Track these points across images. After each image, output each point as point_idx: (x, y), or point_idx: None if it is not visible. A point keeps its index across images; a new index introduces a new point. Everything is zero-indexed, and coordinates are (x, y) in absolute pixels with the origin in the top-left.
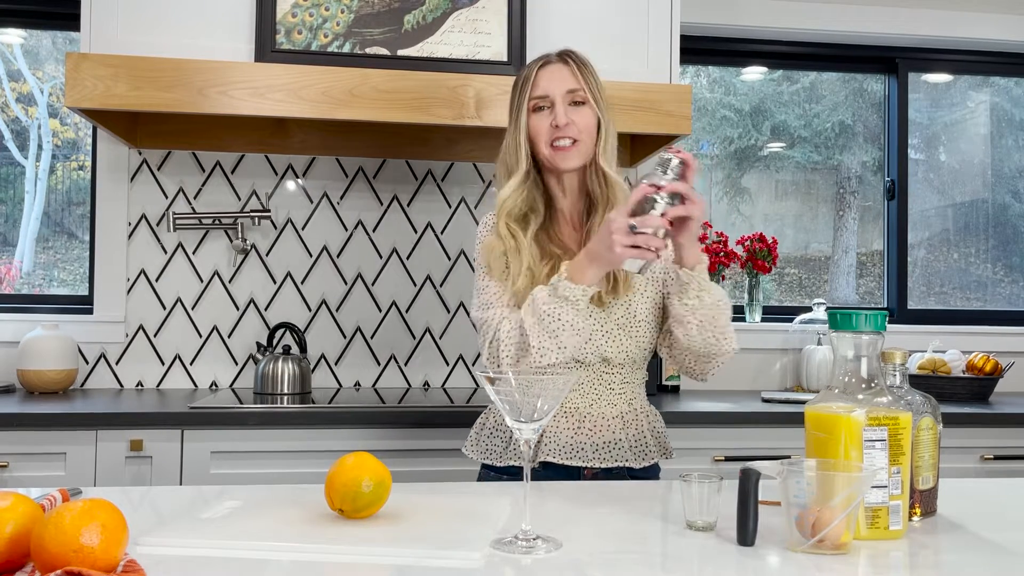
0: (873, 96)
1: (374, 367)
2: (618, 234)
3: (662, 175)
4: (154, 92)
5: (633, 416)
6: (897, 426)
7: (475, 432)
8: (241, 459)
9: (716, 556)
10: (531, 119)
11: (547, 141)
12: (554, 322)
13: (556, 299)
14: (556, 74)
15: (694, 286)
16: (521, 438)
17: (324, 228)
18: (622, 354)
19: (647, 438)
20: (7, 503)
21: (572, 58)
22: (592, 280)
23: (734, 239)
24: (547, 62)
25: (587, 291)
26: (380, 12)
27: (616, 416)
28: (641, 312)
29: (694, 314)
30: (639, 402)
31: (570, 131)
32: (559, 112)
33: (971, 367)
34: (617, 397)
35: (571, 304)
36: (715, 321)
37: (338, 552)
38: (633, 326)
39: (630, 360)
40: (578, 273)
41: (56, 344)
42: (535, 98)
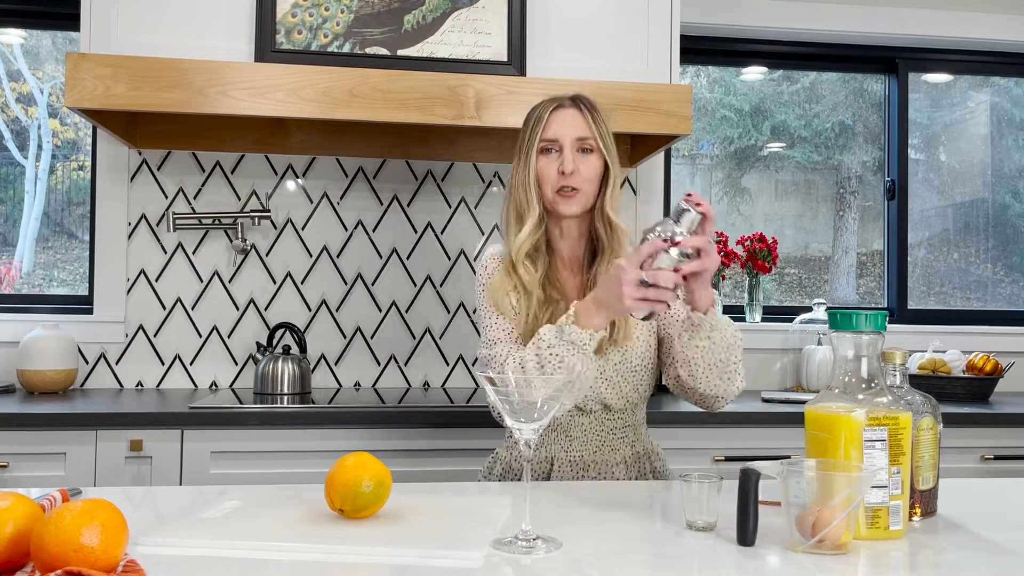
0: (873, 96)
1: (374, 367)
2: (628, 287)
3: (675, 224)
4: (154, 92)
5: (635, 460)
6: (897, 426)
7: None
8: (241, 459)
9: (716, 556)
10: (539, 160)
11: (552, 186)
12: (558, 365)
13: (562, 342)
14: (568, 119)
15: (705, 327)
16: (521, 438)
17: (324, 228)
18: (622, 400)
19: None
20: (7, 503)
21: (584, 104)
22: (599, 326)
23: (734, 239)
24: (560, 106)
25: (594, 336)
26: (380, 12)
27: (619, 461)
28: (636, 357)
29: (704, 357)
30: (641, 444)
31: (574, 180)
32: (567, 158)
33: (971, 367)
34: (619, 442)
35: (578, 348)
36: (724, 363)
37: (338, 552)
38: (630, 371)
39: (630, 405)
40: (585, 318)
41: (56, 344)
42: (545, 140)
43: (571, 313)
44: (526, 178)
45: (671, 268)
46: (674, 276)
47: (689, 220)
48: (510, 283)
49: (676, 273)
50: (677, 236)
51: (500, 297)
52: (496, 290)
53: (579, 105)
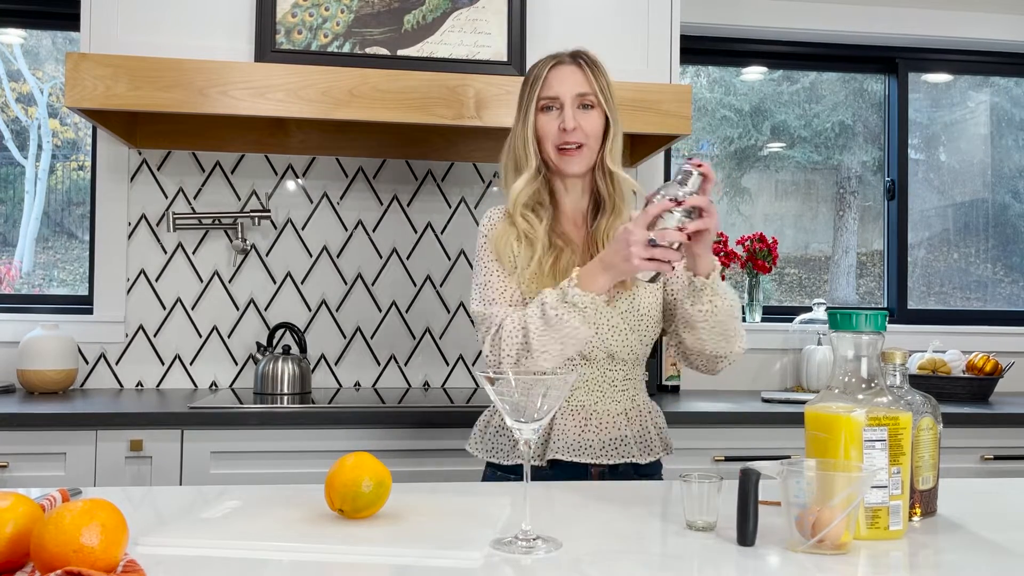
0: (873, 96)
1: (374, 367)
2: (636, 247)
3: (680, 187)
4: (154, 92)
5: (637, 412)
6: (897, 426)
7: (479, 430)
8: (241, 459)
9: (716, 556)
10: (539, 118)
11: (554, 143)
12: (560, 328)
13: (565, 304)
14: (567, 76)
15: (708, 292)
16: (521, 438)
17: (324, 228)
18: (626, 349)
19: (651, 433)
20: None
21: (584, 60)
22: (602, 289)
23: (734, 239)
24: (559, 62)
25: (596, 300)
26: (380, 12)
27: (621, 412)
28: (644, 307)
29: (706, 320)
30: (641, 398)
31: (576, 136)
32: (567, 115)
33: (971, 367)
34: (620, 393)
35: (579, 311)
36: (726, 325)
37: (338, 552)
38: (637, 321)
39: (633, 356)
40: (589, 281)
41: (56, 344)
42: (544, 98)
43: (574, 276)
44: (525, 133)
45: (677, 228)
46: (680, 235)
47: (693, 182)
48: (513, 233)
49: (681, 232)
50: (681, 197)
51: (502, 247)
52: (499, 239)
53: (579, 61)
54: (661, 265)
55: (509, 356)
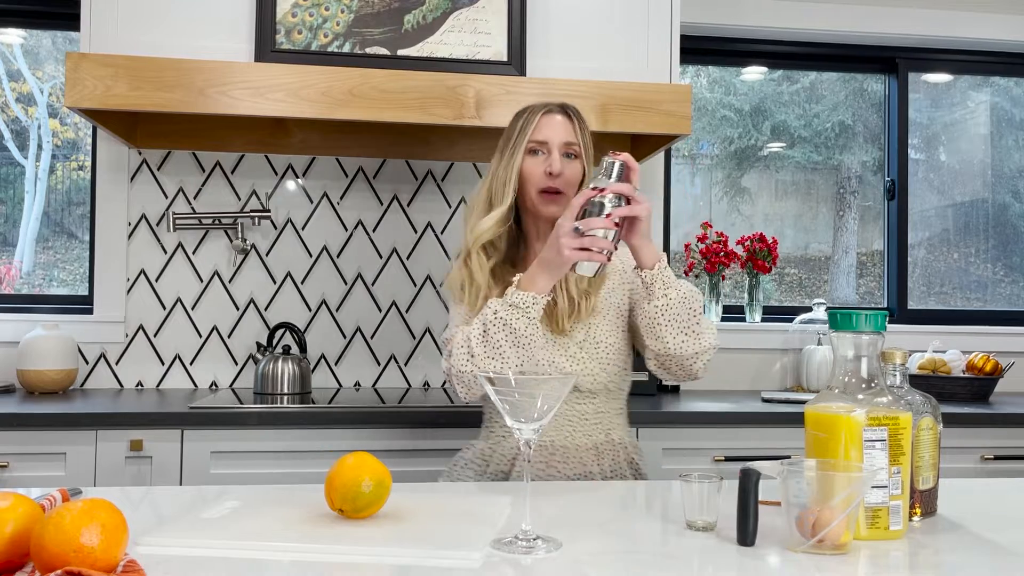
0: (873, 96)
1: (374, 367)
2: (565, 237)
3: (604, 179)
4: (154, 92)
5: (610, 447)
6: (897, 426)
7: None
8: (241, 459)
9: (716, 556)
10: (526, 160)
11: (537, 186)
12: (500, 331)
13: (508, 307)
14: (557, 124)
15: (658, 284)
16: (521, 438)
17: (324, 228)
18: (588, 378)
19: (623, 469)
20: (7, 503)
21: (573, 113)
22: (543, 288)
23: (734, 239)
24: (550, 111)
25: (537, 299)
26: (380, 12)
27: (590, 447)
28: (602, 334)
29: (663, 314)
30: (617, 432)
31: (559, 182)
32: (555, 160)
33: (971, 367)
34: (592, 427)
35: (522, 311)
36: (685, 319)
37: (338, 552)
38: (596, 348)
39: (600, 387)
40: (529, 282)
41: (56, 344)
42: (534, 141)
43: (515, 280)
44: (508, 173)
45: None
46: (605, 221)
47: (615, 171)
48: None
49: (607, 219)
50: (602, 185)
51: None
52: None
53: (568, 113)
54: (592, 255)
55: (459, 369)
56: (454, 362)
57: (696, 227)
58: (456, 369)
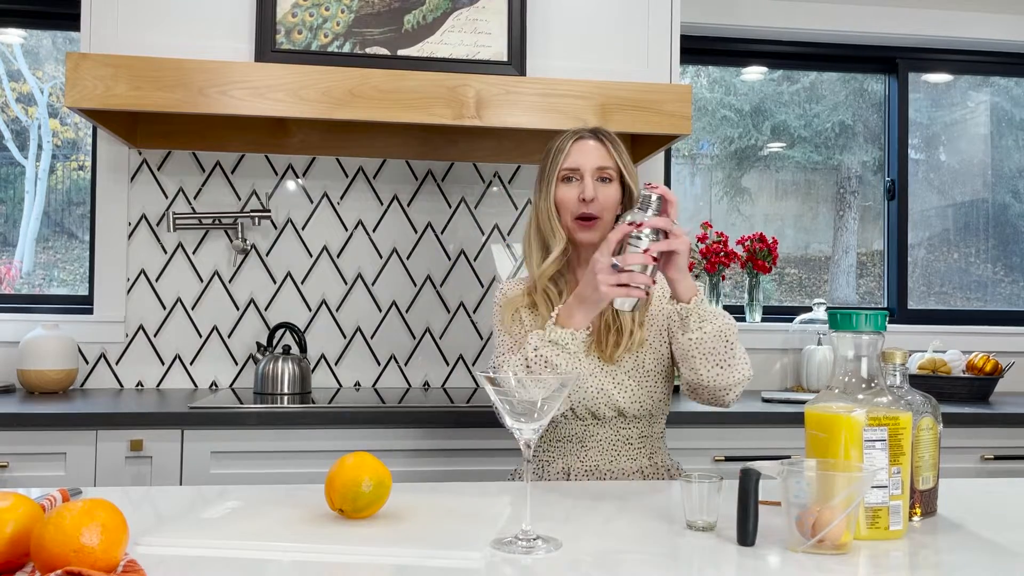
0: (873, 96)
1: (374, 367)
2: (602, 273)
3: (641, 212)
4: (154, 92)
5: (653, 471)
6: (897, 426)
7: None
8: (241, 459)
9: (716, 556)
10: (559, 188)
11: (572, 213)
12: (543, 366)
13: (548, 344)
14: (589, 150)
15: (694, 318)
16: (521, 438)
17: (324, 228)
18: (635, 405)
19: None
20: (7, 503)
21: (604, 136)
22: (580, 324)
23: (734, 239)
24: (580, 137)
25: (576, 335)
26: (380, 12)
27: (636, 471)
28: (649, 363)
29: (697, 348)
30: (659, 456)
31: (593, 207)
32: (587, 185)
33: (971, 367)
34: (636, 452)
35: (561, 347)
36: (721, 353)
37: (338, 552)
38: (642, 376)
39: (645, 412)
40: (566, 317)
41: (56, 344)
42: (566, 169)
43: (554, 315)
44: (548, 206)
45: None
46: (643, 257)
47: (653, 204)
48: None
49: (645, 254)
50: (640, 220)
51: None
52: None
53: (599, 137)
54: (631, 291)
55: None
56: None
57: (696, 227)
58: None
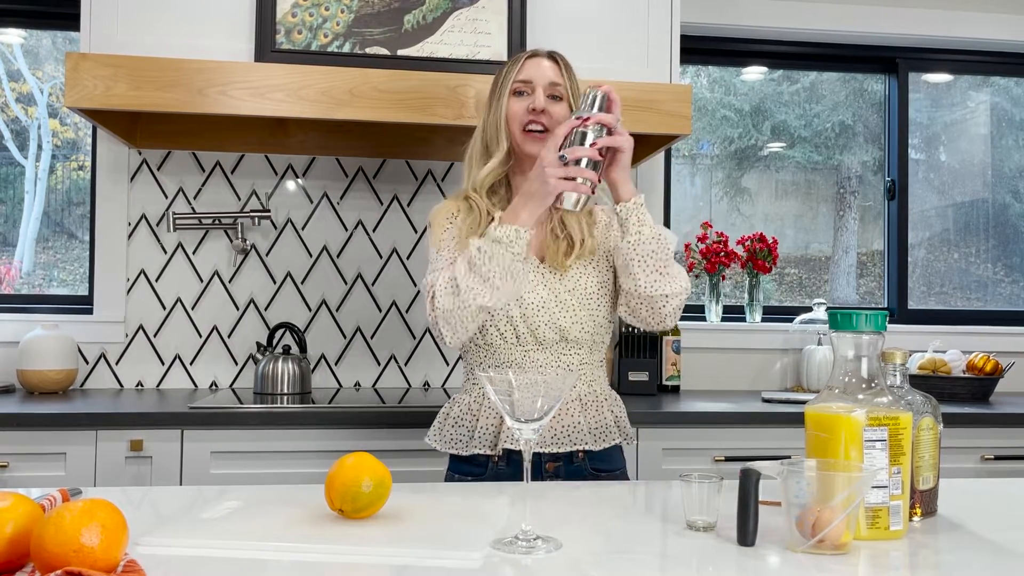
0: (873, 96)
1: (374, 367)
2: (550, 167)
3: (588, 109)
4: (154, 92)
5: (593, 399)
6: (897, 426)
7: (438, 423)
8: (241, 459)
9: (716, 556)
10: (511, 101)
11: (521, 124)
12: (487, 263)
13: (489, 242)
14: (542, 66)
15: (633, 220)
16: (521, 438)
17: (324, 228)
18: (577, 326)
19: (607, 420)
20: (7, 503)
21: (559, 58)
22: (526, 221)
23: (734, 239)
24: (535, 54)
25: (520, 232)
26: (380, 12)
27: (575, 399)
28: (592, 285)
29: (635, 251)
30: (599, 384)
31: (544, 118)
32: (539, 96)
33: (971, 367)
34: (576, 379)
35: (505, 246)
36: (657, 256)
37: (338, 552)
38: (585, 298)
39: (587, 336)
40: (512, 215)
41: (56, 344)
42: (518, 81)
43: (497, 216)
44: (497, 118)
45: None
46: (589, 151)
47: (598, 102)
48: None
49: (592, 147)
50: (586, 115)
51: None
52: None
53: (554, 58)
54: (578, 186)
55: (444, 308)
56: (438, 303)
57: (696, 227)
58: (442, 309)
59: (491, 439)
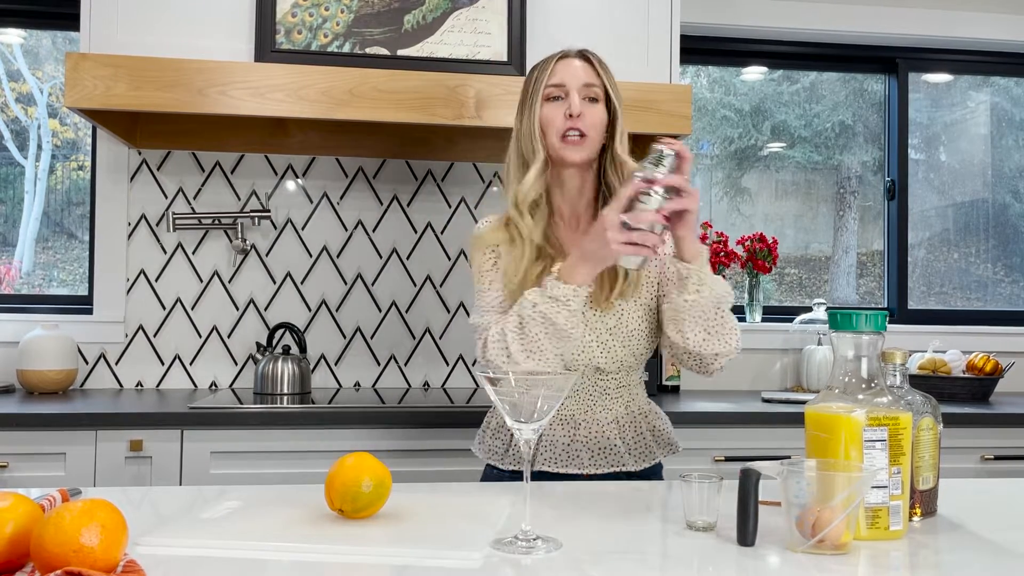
0: (873, 96)
1: (374, 367)
2: (612, 231)
3: (655, 168)
4: (154, 92)
5: (630, 419)
6: (897, 426)
7: (481, 431)
8: (241, 459)
9: (716, 556)
10: (544, 107)
11: (558, 131)
12: (540, 324)
13: (548, 300)
14: (575, 67)
15: (693, 280)
16: (521, 438)
17: (324, 228)
18: (615, 363)
19: (647, 438)
20: (7, 503)
21: (592, 56)
22: (584, 280)
23: (734, 239)
24: (566, 55)
25: (578, 291)
26: (380, 12)
27: (612, 421)
28: (634, 320)
29: (690, 310)
30: (637, 403)
31: (581, 123)
32: (574, 102)
33: (971, 367)
34: (613, 402)
35: (563, 304)
36: (711, 319)
37: (338, 552)
38: (625, 334)
39: (624, 367)
40: (570, 273)
41: (56, 344)
42: (551, 86)
43: (555, 270)
44: (531, 126)
45: (654, 209)
46: (655, 216)
47: (668, 161)
48: (500, 236)
49: (658, 213)
50: (654, 177)
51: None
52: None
53: (586, 56)
54: (640, 249)
55: (493, 362)
56: (490, 357)
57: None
58: (492, 362)
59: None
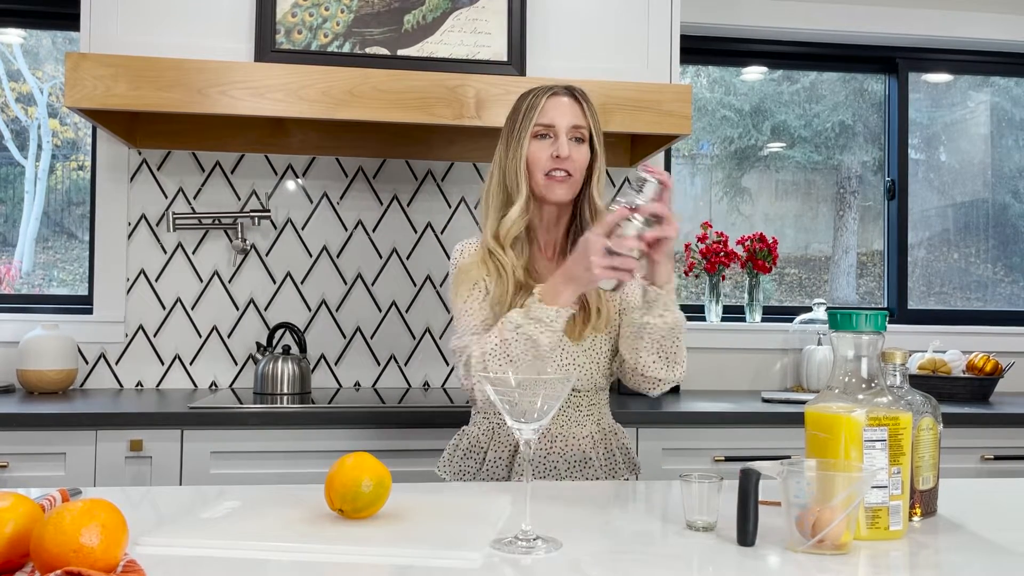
0: (873, 96)
1: (374, 367)
2: (596, 255)
3: (635, 194)
4: (154, 92)
5: (602, 435)
6: (897, 426)
7: (448, 453)
8: (241, 459)
9: (716, 556)
10: (532, 145)
11: (543, 169)
12: (523, 344)
13: (530, 320)
14: (564, 107)
15: (661, 304)
16: (521, 438)
17: (324, 228)
18: (590, 384)
19: (616, 456)
20: (7, 503)
21: (580, 95)
22: (566, 302)
23: (734, 239)
24: (555, 94)
25: (561, 312)
26: (380, 12)
27: (586, 436)
28: (604, 342)
29: (651, 334)
30: (606, 421)
31: (568, 164)
32: (562, 143)
33: (971, 367)
34: (585, 418)
35: (545, 325)
36: (668, 345)
37: (338, 552)
38: (599, 357)
39: (596, 387)
40: (552, 295)
41: (56, 344)
42: (540, 125)
43: (536, 292)
44: (516, 162)
45: (635, 236)
46: (638, 243)
47: (650, 189)
48: (485, 270)
49: (640, 240)
50: (637, 204)
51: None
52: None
53: (574, 95)
54: (621, 274)
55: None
56: (474, 378)
57: (696, 227)
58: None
59: (502, 470)
